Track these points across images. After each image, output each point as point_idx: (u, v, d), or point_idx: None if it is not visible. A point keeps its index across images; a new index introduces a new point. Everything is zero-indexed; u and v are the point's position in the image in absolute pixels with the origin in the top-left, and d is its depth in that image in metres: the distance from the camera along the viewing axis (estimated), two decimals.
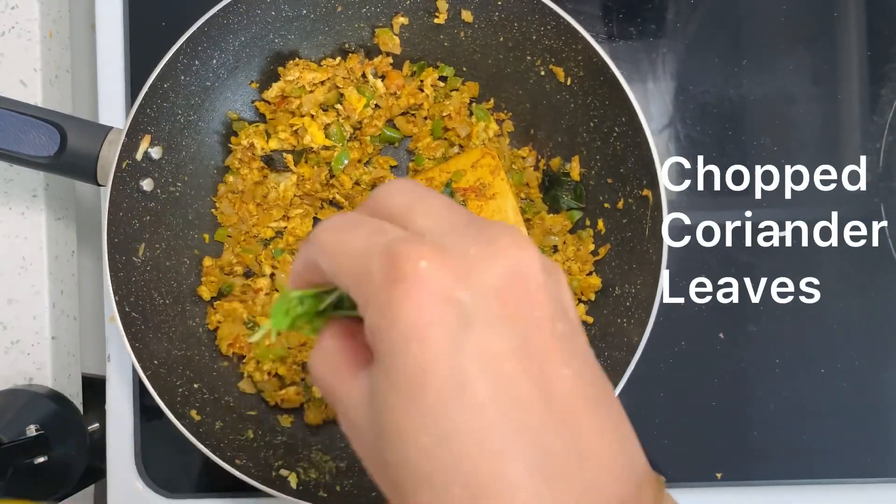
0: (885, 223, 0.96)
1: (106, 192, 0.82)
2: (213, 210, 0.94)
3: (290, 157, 0.94)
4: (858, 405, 0.94)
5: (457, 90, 0.95)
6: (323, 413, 0.92)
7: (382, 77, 0.96)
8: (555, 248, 0.93)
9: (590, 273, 0.92)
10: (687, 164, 0.97)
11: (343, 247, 0.42)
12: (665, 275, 0.81)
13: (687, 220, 0.97)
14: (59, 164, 0.82)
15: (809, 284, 0.96)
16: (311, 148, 0.94)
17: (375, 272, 0.39)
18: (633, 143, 0.84)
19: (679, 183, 0.97)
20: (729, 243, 0.96)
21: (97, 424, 1.00)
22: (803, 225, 0.96)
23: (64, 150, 0.81)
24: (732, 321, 0.95)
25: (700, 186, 0.97)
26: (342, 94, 0.95)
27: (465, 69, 0.95)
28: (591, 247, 0.91)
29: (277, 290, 0.94)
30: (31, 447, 0.82)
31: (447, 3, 0.90)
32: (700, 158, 0.97)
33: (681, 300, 0.96)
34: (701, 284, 0.96)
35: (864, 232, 0.96)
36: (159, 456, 0.96)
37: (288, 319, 0.46)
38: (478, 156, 0.92)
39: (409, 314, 0.37)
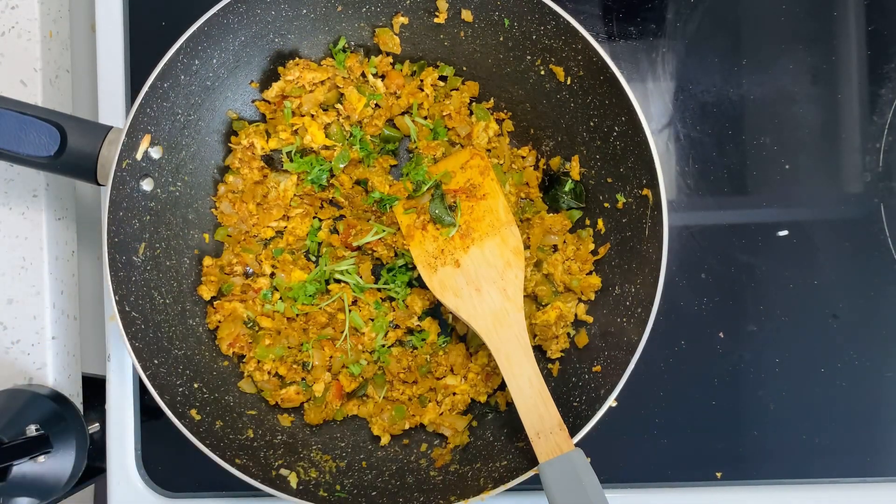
0: (884, 223, 0.96)
1: (106, 192, 0.82)
2: (213, 210, 0.94)
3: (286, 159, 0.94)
4: (858, 405, 0.94)
5: (457, 90, 0.95)
6: (323, 413, 0.93)
7: (382, 77, 0.96)
8: (555, 248, 0.93)
9: (590, 272, 0.92)
10: (687, 164, 0.97)
11: None
12: (665, 274, 0.81)
13: (687, 220, 0.97)
14: (59, 164, 0.82)
15: (809, 284, 0.96)
16: (312, 148, 0.94)
17: None
18: (633, 143, 0.84)
19: (679, 182, 0.97)
20: (729, 243, 0.96)
21: (97, 424, 1.00)
22: (803, 225, 0.96)
23: (64, 149, 0.81)
24: (732, 321, 0.95)
25: (700, 186, 0.97)
26: (342, 94, 0.95)
27: (465, 69, 0.95)
28: (591, 246, 0.91)
29: (277, 290, 0.94)
30: (32, 447, 0.82)
31: (447, 3, 0.90)
32: (700, 158, 0.97)
33: (681, 300, 0.96)
34: (701, 284, 0.96)
35: (864, 232, 0.96)
36: (159, 456, 0.96)
37: None
38: (467, 157, 0.92)
39: None
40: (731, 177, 0.97)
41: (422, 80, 0.95)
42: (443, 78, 0.96)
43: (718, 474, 0.94)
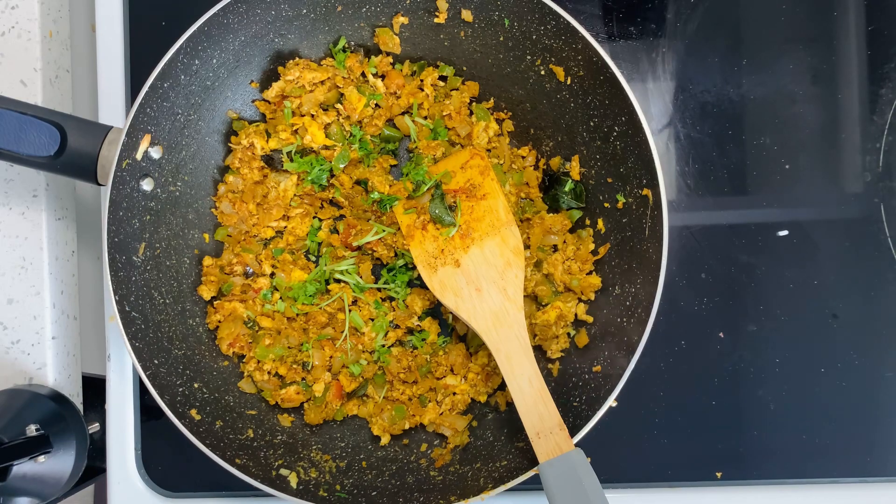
0: (884, 223, 0.96)
1: (106, 192, 0.82)
2: (213, 210, 0.94)
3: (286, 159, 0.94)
4: (858, 405, 0.94)
5: (457, 90, 0.95)
6: (323, 413, 0.93)
7: (382, 76, 0.96)
8: (555, 248, 0.93)
9: (590, 272, 0.92)
10: (687, 164, 0.97)
11: None
12: (665, 274, 0.81)
13: (687, 220, 0.97)
14: (59, 164, 0.82)
15: (809, 284, 0.96)
16: (312, 148, 0.94)
17: None
18: (633, 143, 0.84)
19: (679, 182, 0.97)
20: (729, 243, 0.96)
21: (97, 424, 1.00)
22: (803, 225, 0.96)
23: (64, 149, 0.81)
24: (732, 321, 0.95)
25: (700, 186, 0.97)
26: (342, 94, 0.95)
27: (465, 68, 0.95)
28: (591, 246, 0.91)
29: (277, 290, 0.94)
30: (32, 447, 0.82)
31: (447, 3, 0.90)
32: (700, 158, 0.97)
33: (681, 300, 0.96)
34: (701, 284, 0.96)
35: (864, 232, 0.96)
36: (159, 456, 0.96)
37: None
38: (467, 157, 0.92)
39: None
40: (731, 177, 0.97)
41: (422, 80, 0.95)
42: (443, 78, 0.96)
43: (718, 474, 0.94)
